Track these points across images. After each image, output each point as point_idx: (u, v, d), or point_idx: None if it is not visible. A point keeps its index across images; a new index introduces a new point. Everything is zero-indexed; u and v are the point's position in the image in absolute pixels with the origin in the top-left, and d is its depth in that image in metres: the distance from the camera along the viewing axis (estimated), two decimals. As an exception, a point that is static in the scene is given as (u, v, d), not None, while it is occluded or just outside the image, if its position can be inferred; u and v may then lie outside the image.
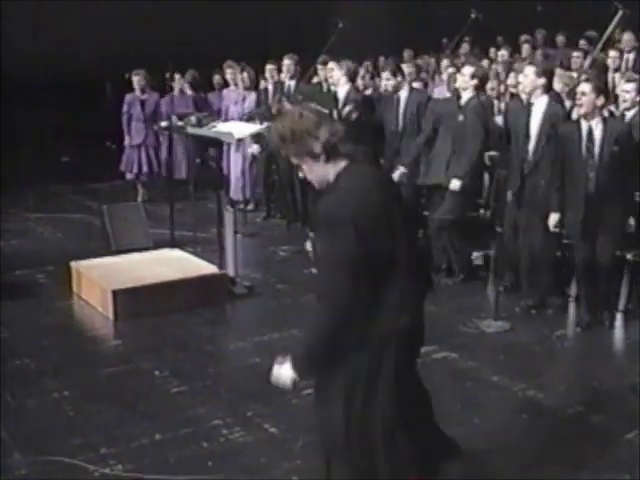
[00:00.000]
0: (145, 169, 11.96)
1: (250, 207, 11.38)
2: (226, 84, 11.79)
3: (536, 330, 6.74)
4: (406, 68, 9.12)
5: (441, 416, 3.92)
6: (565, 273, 7.41)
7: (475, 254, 8.39)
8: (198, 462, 4.64)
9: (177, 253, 8.09)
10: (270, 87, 10.74)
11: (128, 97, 11.98)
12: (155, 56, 11.27)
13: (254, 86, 11.26)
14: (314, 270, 8.18)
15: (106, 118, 14.05)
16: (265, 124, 7.90)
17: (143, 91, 11.93)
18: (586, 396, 5.52)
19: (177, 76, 11.91)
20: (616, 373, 5.93)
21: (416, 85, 9.11)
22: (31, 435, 4.98)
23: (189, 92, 12.31)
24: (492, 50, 12.92)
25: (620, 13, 7.94)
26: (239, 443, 4.88)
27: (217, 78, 12.77)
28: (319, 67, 9.91)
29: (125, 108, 11.98)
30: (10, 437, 4.93)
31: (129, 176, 12.11)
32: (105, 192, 12.47)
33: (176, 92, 11.83)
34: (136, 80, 11.86)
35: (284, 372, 3.62)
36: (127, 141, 12.03)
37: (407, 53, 13.21)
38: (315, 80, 10.79)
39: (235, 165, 11.11)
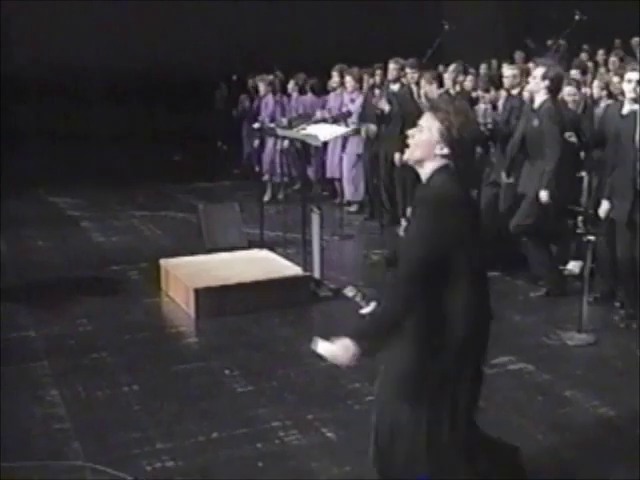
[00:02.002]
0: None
1: (353, 209, 11.40)
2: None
3: (621, 344, 6.50)
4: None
5: (504, 429, 3.83)
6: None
7: (572, 263, 8.16)
8: (249, 463, 4.66)
9: (264, 254, 8.15)
10: (376, 90, 10.75)
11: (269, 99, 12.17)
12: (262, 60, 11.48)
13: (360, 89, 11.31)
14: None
15: (218, 119, 14.36)
16: (352, 126, 7.91)
17: (274, 93, 12.14)
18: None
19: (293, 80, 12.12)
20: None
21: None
22: (93, 426, 5.10)
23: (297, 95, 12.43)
24: (600, 53, 12.60)
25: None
26: (293, 446, 4.87)
27: (331, 81, 12.80)
28: (408, 71, 9.80)
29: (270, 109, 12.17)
30: (73, 427, 5.06)
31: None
32: (213, 191, 12.70)
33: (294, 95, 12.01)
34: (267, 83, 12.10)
35: (341, 346, 3.56)
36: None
37: (518, 55, 13.03)
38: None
39: (338, 164, 11.17)
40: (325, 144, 8.98)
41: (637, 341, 6.53)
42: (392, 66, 10.29)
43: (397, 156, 9.44)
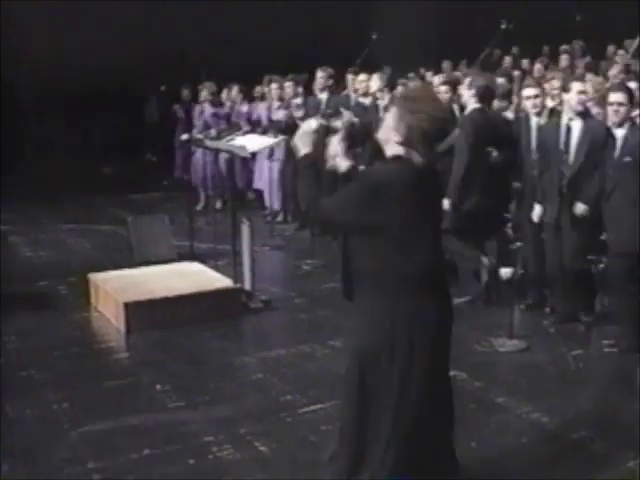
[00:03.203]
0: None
1: (279, 219, 11.36)
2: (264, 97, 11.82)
3: (553, 350, 6.56)
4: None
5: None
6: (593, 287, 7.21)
7: (503, 270, 8.21)
8: (181, 479, 4.60)
9: (195, 266, 8.07)
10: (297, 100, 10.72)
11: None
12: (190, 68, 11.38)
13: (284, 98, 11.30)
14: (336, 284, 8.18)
15: (148, 130, 14.22)
16: (280, 137, 7.88)
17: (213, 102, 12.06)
18: (593, 421, 5.32)
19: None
20: (630, 397, 5.70)
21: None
22: (22, 446, 4.97)
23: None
24: (525, 62, 12.76)
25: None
26: (227, 461, 4.80)
27: (257, 90, 12.76)
28: (349, 78, 9.81)
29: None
30: (2, 447, 4.92)
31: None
32: (143, 203, 12.55)
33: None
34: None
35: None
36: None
37: (446, 65, 13.15)
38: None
39: (266, 175, 11.12)
40: (253, 155, 8.97)
41: (568, 346, 6.61)
42: (320, 75, 10.30)
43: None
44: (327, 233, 9.41)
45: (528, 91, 7.18)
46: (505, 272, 8.12)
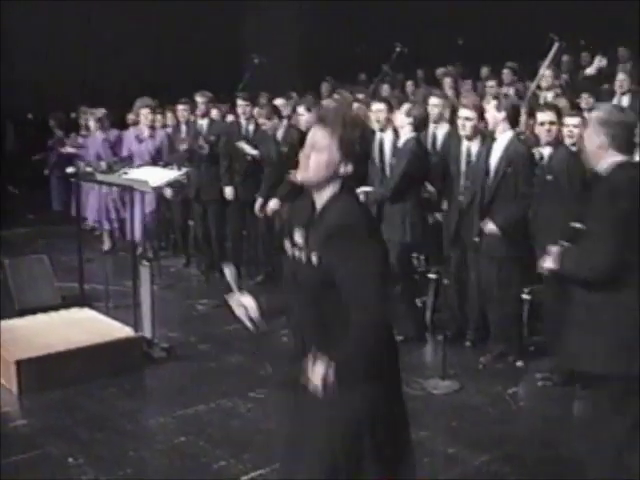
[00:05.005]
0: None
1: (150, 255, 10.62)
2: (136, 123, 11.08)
3: (487, 389, 6.21)
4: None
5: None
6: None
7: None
8: None
9: (88, 313, 7.32)
10: (184, 127, 10.08)
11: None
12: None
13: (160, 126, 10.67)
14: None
15: (8, 161, 13.22)
16: (184, 170, 7.27)
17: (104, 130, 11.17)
18: (553, 468, 4.97)
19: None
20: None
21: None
22: None
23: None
24: (409, 84, 12.59)
25: (556, 45, 7.58)
26: None
27: (130, 117, 12.00)
28: (239, 103, 9.27)
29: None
30: None
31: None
32: (13, 242, 11.50)
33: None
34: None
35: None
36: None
37: (325, 87, 12.83)
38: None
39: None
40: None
41: (502, 384, 6.27)
42: (200, 100, 9.74)
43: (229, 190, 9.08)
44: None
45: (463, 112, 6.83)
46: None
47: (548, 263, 4.14)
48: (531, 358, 6.72)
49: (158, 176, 6.69)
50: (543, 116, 6.18)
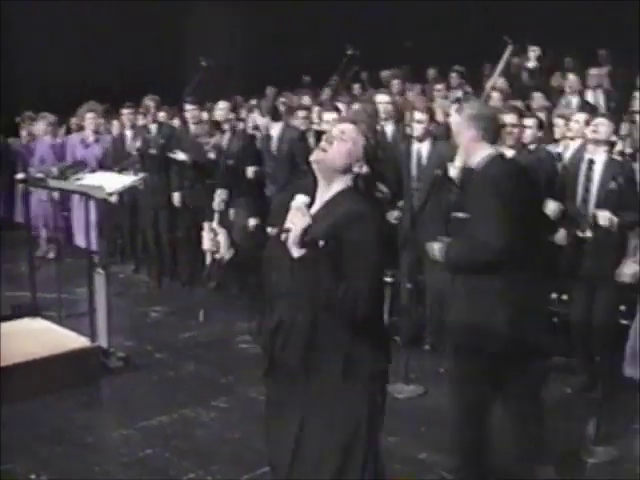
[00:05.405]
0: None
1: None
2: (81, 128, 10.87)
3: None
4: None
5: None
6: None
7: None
8: None
9: (41, 324, 7.11)
10: (128, 132, 9.90)
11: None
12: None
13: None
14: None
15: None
16: (140, 175, 7.11)
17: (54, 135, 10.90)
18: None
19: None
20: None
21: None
22: None
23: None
24: (356, 87, 12.54)
25: (510, 48, 7.59)
26: None
27: (74, 122, 11.75)
28: (188, 108, 9.12)
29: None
30: None
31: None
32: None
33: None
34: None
35: None
36: None
37: (270, 91, 12.71)
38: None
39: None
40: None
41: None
42: (150, 104, 9.59)
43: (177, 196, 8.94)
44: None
45: (415, 115, 6.79)
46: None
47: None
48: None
49: (114, 182, 6.53)
50: (505, 118, 6.13)
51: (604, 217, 5.55)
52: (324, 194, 3.22)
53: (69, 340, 6.71)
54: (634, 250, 5.69)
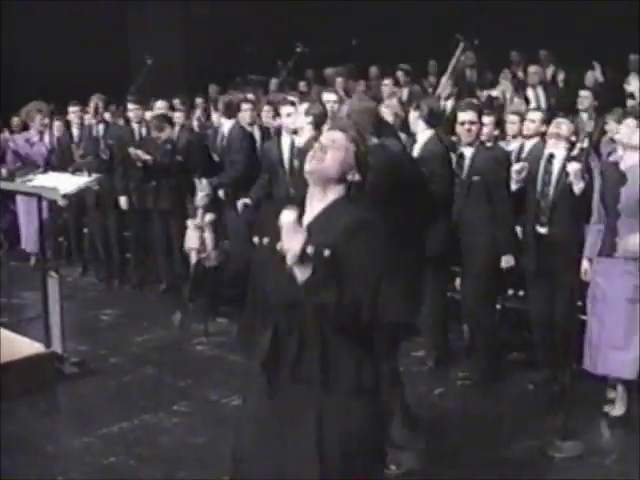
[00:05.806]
0: None
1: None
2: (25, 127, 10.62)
3: (412, 391, 6.12)
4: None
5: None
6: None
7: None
8: None
9: (-9, 330, 6.93)
10: (75, 131, 9.73)
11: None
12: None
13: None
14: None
15: None
16: (94, 176, 6.96)
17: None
18: (491, 468, 4.98)
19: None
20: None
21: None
22: None
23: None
24: (302, 84, 12.51)
25: (461, 45, 7.65)
26: None
27: (16, 121, 11.48)
28: (131, 107, 8.97)
29: None
30: None
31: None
32: None
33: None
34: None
35: None
36: None
37: (212, 89, 12.64)
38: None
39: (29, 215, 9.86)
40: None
41: (427, 385, 6.28)
42: (98, 103, 9.41)
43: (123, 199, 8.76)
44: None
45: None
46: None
47: None
48: (450, 359, 6.71)
49: (67, 183, 6.38)
50: (464, 115, 6.14)
51: (573, 168, 5.52)
52: (317, 204, 3.15)
53: (23, 346, 6.56)
54: (591, 247, 5.72)
